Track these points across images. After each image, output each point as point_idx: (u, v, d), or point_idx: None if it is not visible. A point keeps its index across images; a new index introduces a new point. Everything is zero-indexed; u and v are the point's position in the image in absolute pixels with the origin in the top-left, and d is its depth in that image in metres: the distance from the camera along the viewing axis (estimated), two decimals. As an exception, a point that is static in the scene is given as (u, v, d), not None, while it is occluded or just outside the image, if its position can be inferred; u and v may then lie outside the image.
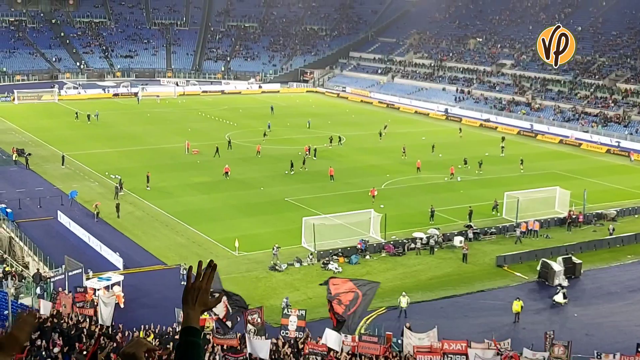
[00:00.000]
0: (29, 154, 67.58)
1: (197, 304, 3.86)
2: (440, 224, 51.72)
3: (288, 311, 34.41)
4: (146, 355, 3.90)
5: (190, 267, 3.97)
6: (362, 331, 34.72)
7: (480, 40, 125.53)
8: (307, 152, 71.27)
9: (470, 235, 49.67)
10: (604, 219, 54.96)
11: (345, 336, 32.05)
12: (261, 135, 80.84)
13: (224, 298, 30.86)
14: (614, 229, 51.28)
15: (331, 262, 44.32)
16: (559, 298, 40.33)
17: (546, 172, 69.18)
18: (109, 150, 73.23)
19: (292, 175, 64.34)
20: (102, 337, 27.87)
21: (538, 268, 43.93)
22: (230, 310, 31.32)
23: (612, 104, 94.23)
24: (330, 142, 78.45)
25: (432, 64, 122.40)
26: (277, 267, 43.42)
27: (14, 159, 67.27)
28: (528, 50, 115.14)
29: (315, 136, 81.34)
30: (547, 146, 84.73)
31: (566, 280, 42.80)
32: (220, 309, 30.96)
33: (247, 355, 27.96)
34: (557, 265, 43.29)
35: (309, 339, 31.50)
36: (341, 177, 63.62)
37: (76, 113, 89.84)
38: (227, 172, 63.66)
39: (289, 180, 63.21)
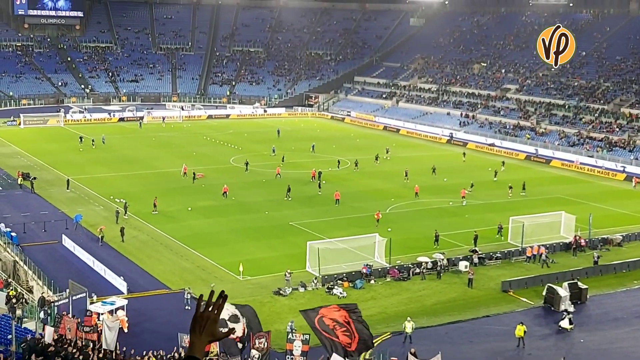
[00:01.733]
0: (35, 178, 67.72)
1: (204, 334, 3.75)
2: (445, 249, 51.57)
3: (293, 336, 34.27)
4: None
5: (201, 296, 3.83)
6: (367, 356, 34.53)
7: (485, 65, 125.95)
8: (313, 177, 71.39)
9: (476, 260, 49.49)
10: (609, 243, 54.75)
11: (350, 361, 31.88)
12: (269, 159, 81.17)
13: (244, 319, 30.81)
14: (599, 257, 50.55)
15: (336, 287, 44.17)
16: (565, 324, 40.07)
17: (551, 196, 69.06)
18: (114, 174, 73.38)
19: (297, 200, 64.27)
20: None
21: (544, 293, 43.70)
22: (246, 332, 31.19)
23: (617, 129, 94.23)
24: (356, 165, 79.26)
25: (437, 89, 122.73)
26: (281, 292, 43.29)
27: (19, 182, 67.38)
28: (532, 75, 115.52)
29: (320, 160, 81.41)
30: (552, 170, 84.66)
31: (572, 305, 42.54)
32: (239, 329, 30.87)
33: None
34: (563, 291, 43.05)
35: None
36: (346, 201, 63.60)
37: (80, 137, 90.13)
38: (225, 192, 64.21)
39: (294, 204, 63.19)
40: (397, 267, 47.64)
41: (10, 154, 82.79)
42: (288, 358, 33.03)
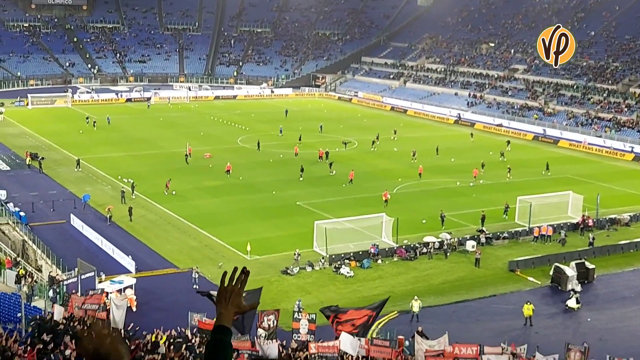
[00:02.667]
0: (43, 158, 67.93)
1: (229, 305, 3.92)
2: (453, 229, 51.59)
3: (299, 315, 34.45)
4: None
5: (225, 272, 4.02)
6: (374, 335, 34.69)
7: (493, 45, 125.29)
8: (321, 157, 71.55)
9: (483, 239, 49.54)
10: (617, 223, 54.71)
11: (359, 339, 32.05)
12: (277, 139, 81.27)
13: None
14: (594, 238, 50.09)
15: (343, 266, 44.31)
16: (571, 303, 40.15)
17: (559, 176, 68.92)
18: (122, 154, 73.49)
19: (304, 180, 64.32)
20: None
21: (551, 273, 43.77)
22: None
23: (626, 109, 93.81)
24: (373, 143, 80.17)
25: (444, 69, 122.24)
26: (288, 271, 43.44)
27: (27, 162, 67.65)
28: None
29: (328, 140, 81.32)
30: (560, 151, 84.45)
31: (579, 285, 42.61)
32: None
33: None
34: (570, 270, 43.12)
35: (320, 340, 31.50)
36: (353, 181, 63.60)
37: (87, 117, 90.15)
38: (228, 170, 65.10)
39: (301, 184, 63.28)
40: (404, 246, 47.73)
41: (18, 134, 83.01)
42: (295, 336, 33.21)
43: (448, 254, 47.34)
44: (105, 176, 64.35)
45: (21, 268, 42.57)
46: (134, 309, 37.17)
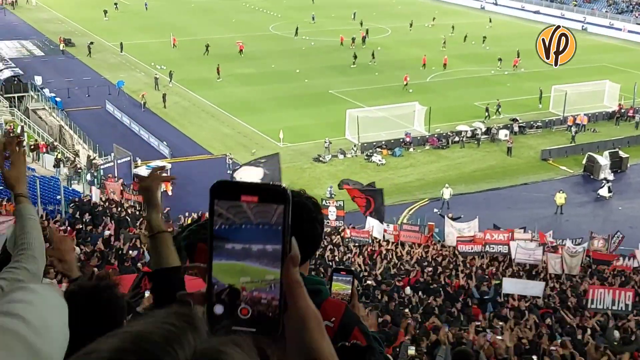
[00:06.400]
0: (92, 43, 67.95)
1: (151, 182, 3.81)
2: (485, 117, 51.30)
3: (327, 202, 35.06)
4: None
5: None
6: (405, 221, 35.27)
7: None
8: (342, 43, 71.40)
9: (516, 128, 49.31)
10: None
11: (388, 225, 32.69)
12: (310, 26, 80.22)
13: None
14: (577, 132, 48.74)
15: (375, 154, 44.56)
16: (603, 192, 40.23)
17: (595, 65, 67.63)
18: (154, 40, 73.13)
19: (336, 68, 63.92)
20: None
21: (584, 162, 43.69)
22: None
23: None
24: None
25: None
26: (321, 158, 43.81)
27: (61, 48, 67.89)
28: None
29: (361, 28, 79.93)
30: (597, 39, 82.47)
31: (612, 174, 42.59)
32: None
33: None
34: (603, 159, 43.01)
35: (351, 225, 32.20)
36: (385, 70, 63.07)
37: (115, 4, 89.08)
38: (241, 50, 67.17)
39: (333, 72, 62.80)
40: (436, 135, 47.71)
41: (50, 19, 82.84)
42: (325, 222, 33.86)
43: (480, 143, 47.28)
44: (139, 63, 64.42)
45: (59, 152, 43.48)
46: (170, 193, 37.91)
